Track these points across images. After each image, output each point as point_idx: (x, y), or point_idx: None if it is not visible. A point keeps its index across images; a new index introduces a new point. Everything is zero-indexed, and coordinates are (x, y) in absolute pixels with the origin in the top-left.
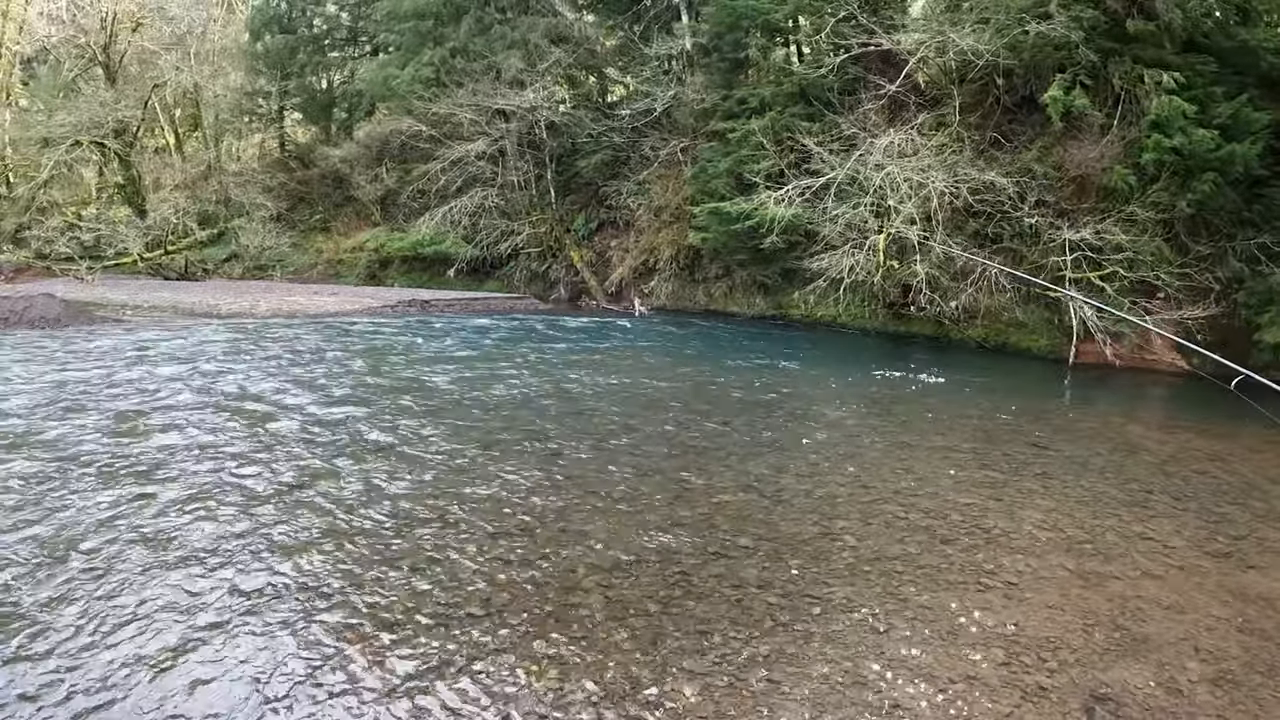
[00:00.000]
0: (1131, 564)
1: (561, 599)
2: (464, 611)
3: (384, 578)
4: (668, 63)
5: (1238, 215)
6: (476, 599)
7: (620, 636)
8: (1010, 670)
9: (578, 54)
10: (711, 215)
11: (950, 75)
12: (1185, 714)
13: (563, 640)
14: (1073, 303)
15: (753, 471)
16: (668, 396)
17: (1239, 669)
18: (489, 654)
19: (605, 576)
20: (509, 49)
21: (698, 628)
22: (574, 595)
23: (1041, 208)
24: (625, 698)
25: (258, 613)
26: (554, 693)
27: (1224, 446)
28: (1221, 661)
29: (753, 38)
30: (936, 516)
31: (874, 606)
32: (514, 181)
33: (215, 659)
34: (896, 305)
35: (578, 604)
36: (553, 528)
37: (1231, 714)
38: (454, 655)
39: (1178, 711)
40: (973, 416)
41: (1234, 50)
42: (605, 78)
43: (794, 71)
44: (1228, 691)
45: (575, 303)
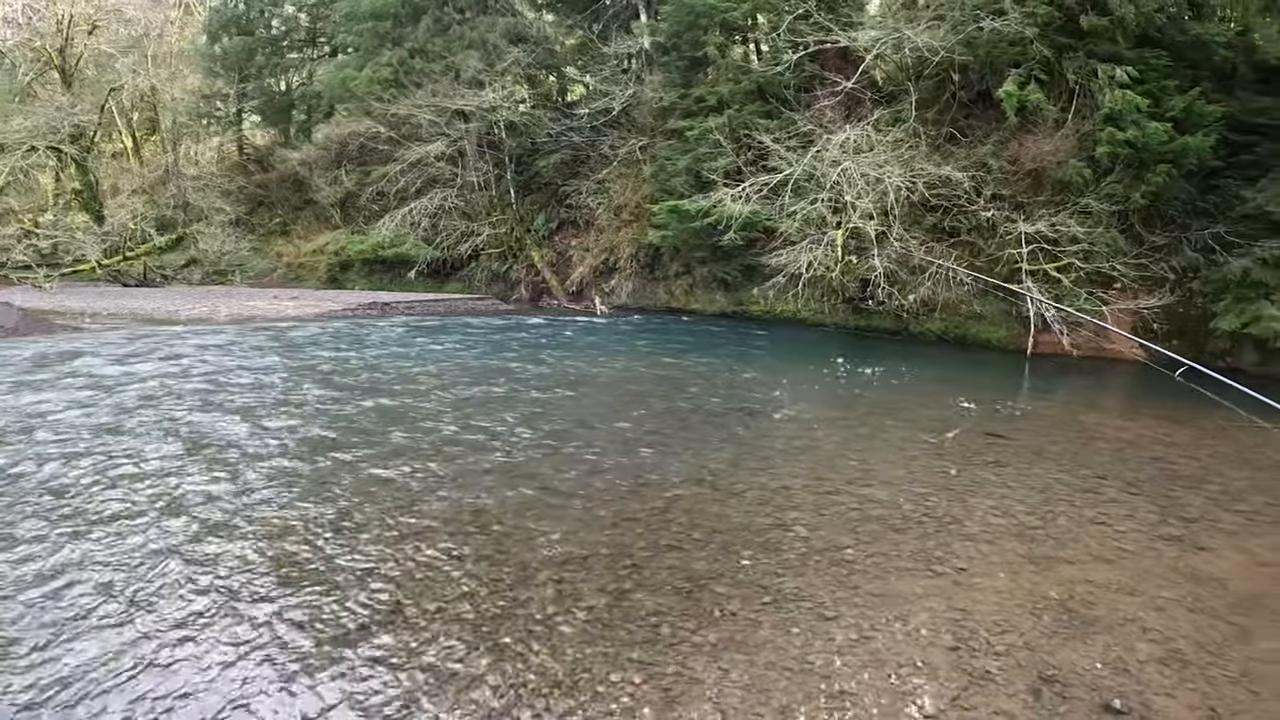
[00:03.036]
0: (1083, 548)
1: (515, 593)
2: (419, 606)
3: (338, 576)
4: (626, 62)
5: (1192, 206)
6: (431, 594)
7: (572, 628)
8: (958, 654)
9: (536, 53)
10: (671, 213)
11: (906, 71)
12: (1133, 693)
13: (516, 632)
14: (1029, 295)
15: (708, 465)
16: (626, 393)
17: (1189, 648)
18: (442, 647)
19: (558, 570)
20: (467, 49)
21: (648, 619)
22: (527, 589)
23: (997, 201)
24: (576, 688)
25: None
26: (506, 684)
27: (1179, 433)
28: (1171, 641)
29: (711, 36)
30: (889, 506)
31: (824, 595)
32: (474, 182)
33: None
34: (855, 300)
35: (531, 597)
36: (508, 523)
37: (1180, 693)
38: (408, 648)
39: (1125, 690)
40: (929, 408)
41: (1187, 44)
42: (564, 77)
43: (751, 69)
44: (1177, 671)
45: (536, 303)
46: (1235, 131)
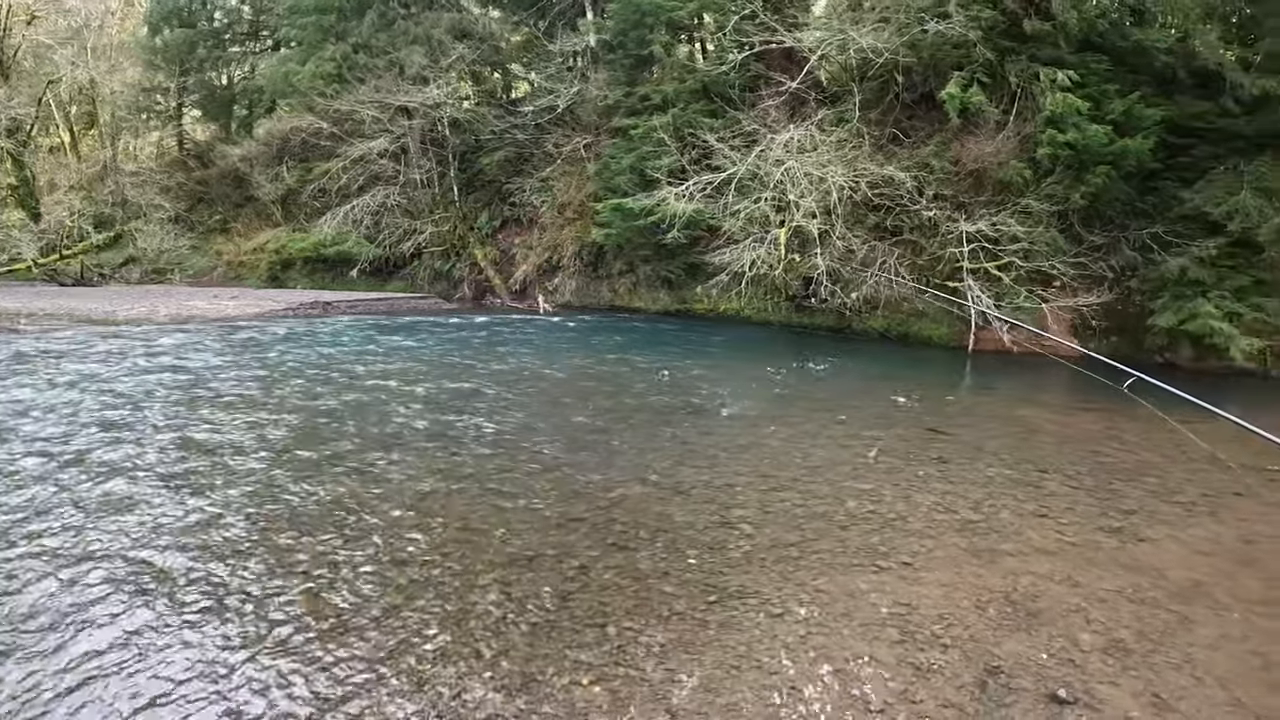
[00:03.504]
0: (1025, 541)
1: (461, 596)
2: (365, 615)
3: (284, 584)
4: (572, 59)
5: (1131, 206)
6: (377, 600)
7: (519, 631)
8: (905, 648)
9: (481, 50)
10: (614, 211)
11: (851, 72)
12: (1078, 682)
13: (462, 637)
14: (970, 293)
15: (653, 465)
16: (570, 392)
17: (1131, 637)
18: (388, 654)
19: (504, 573)
20: (412, 45)
21: (595, 620)
22: (473, 593)
23: (939, 201)
24: (524, 691)
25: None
26: (453, 689)
27: (1118, 427)
28: (1113, 631)
29: (656, 34)
30: (834, 503)
31: (770, 592)
32: (417, 179)
33: None
34: (798, 298)
35: (476, 601)
36: (452, 526)
37: (1124, 681)
38: (354, 656)
39: (1070, 680)
40: (873, 405)
41: (1128, 50)
42: (509, 74)
43: (697, 68)
44: (1119, 659)
45: (480, 301)
46: (1174, 135)
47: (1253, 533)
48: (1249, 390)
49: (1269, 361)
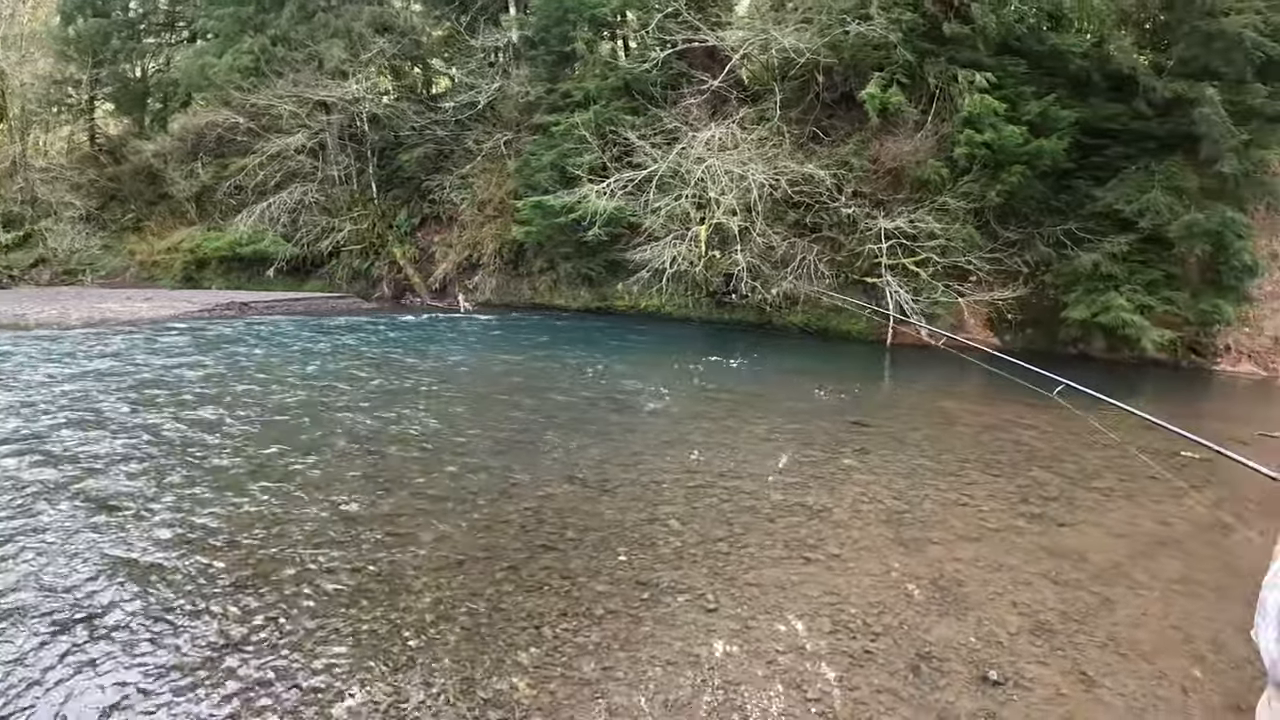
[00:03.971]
0: (949, 529)
1: (392, 603)
2: (295, 625)
3: (210, 598)
4: (494, 55)
5: (1045, 204)
6: (306, 612)
7: (452, 636)
8: (837, 638)
9: (402, 44)
10: (535, 209)
11: (772, 72)
12: (1007, 664)
13: (395, 645)
14: (888, 288)
15: (579, 463)
16: (492, 392)
17: (1056, 619)
18: (322, 665)
19: (434, 577)
20: (332, 38)
21: (529, 622)
22: (404, 598)
23: (858, 198)
24: (461, 697)
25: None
26: (388, 698)
27: (1034, 417)
28: (1039, 613)
29: (579, 31)
30: (760, 497)
31: (702, 588)
32: (335, 176)
33: None
34: (719, 294)
35: (408, 607)
36: (379, 531)
37: (1052, 661)
38: (286, 669)
39: (999, 662)
40: (794, 399)
41: (1045, 53)
42: (430, 69)
43: (619, 66)
44: (1046, 640)
45: (399, 300)
46: (1087, 135)
47: (1168, 515)
48: (1161, 380)
49: (1180, 352)
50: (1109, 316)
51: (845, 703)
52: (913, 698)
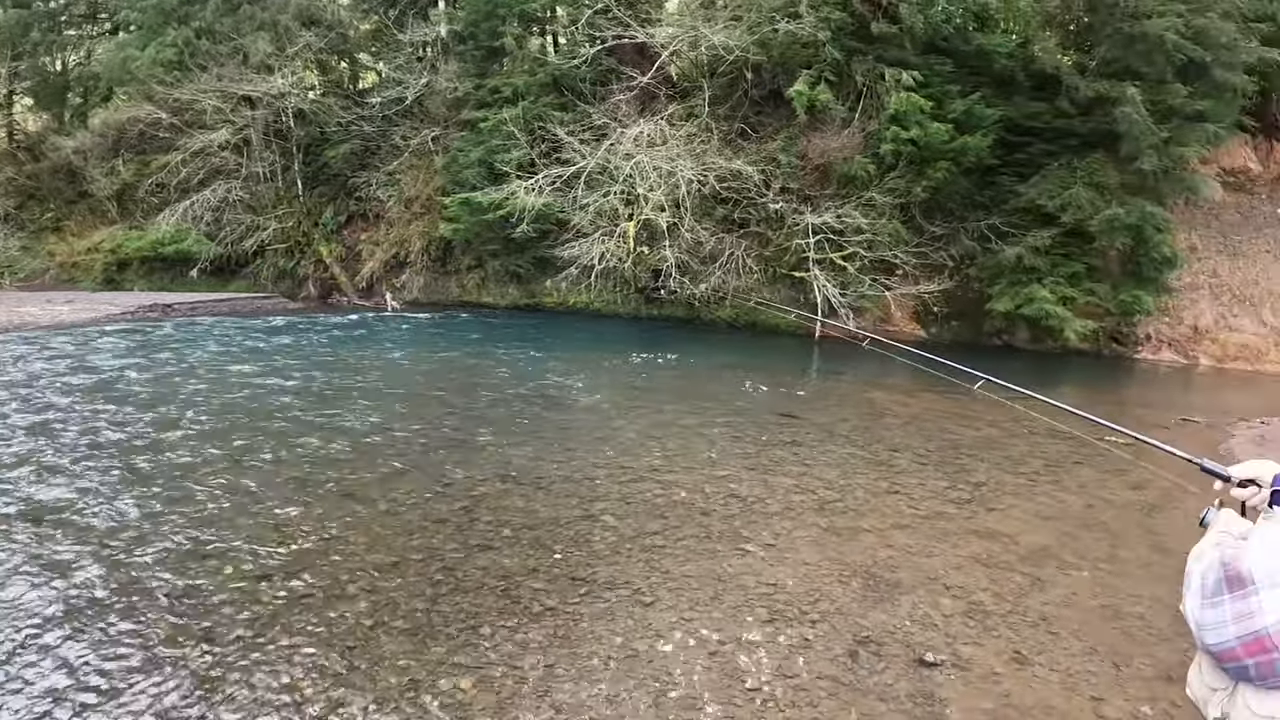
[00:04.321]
0: (881, 517)
1: (329, 609)
2: (230, 634)
3: (142, 610)
4: (422, 49)
5: (970, 199)
6: (240, 620)
7: (391, 640)
8: (775, 626)
9: (330, 38)
10: (462, 206)
11: (701, 69)
12: (944, 645)
13: (333, 651)
14: (815, 282)
15: (512, 461)
16: (422, 391)
17: (989, 600)
18: (257, 674)
19: (371, 581)
20: (258, 30)
21: (468, 622)
22: (340, 604)
23: (786, 194)
24: (404, 701)
25: None
26: (328, 706)
27: (961, 405)
28: (972, 595)
29: (509, 26)
30: (693, 490)
31: (639, 582)
32: (259, 173)
33: None
34: (648, 290)
35: (345, 612)
36: (313, 536)
37: (986, 641)
38: (221, 679)
39: (935, 644)
40: (725, 393)
41: (971, 53)
42: (357, 63)
43: (548, 61)
44: (980, 621)
45: (326, 300)
46: (1011, 133)
47: (1094, 497)
48: (1084, 369)
49: (1102, 342)
50: (1032, 308)
51: (785, 690)
52: (852, 682)
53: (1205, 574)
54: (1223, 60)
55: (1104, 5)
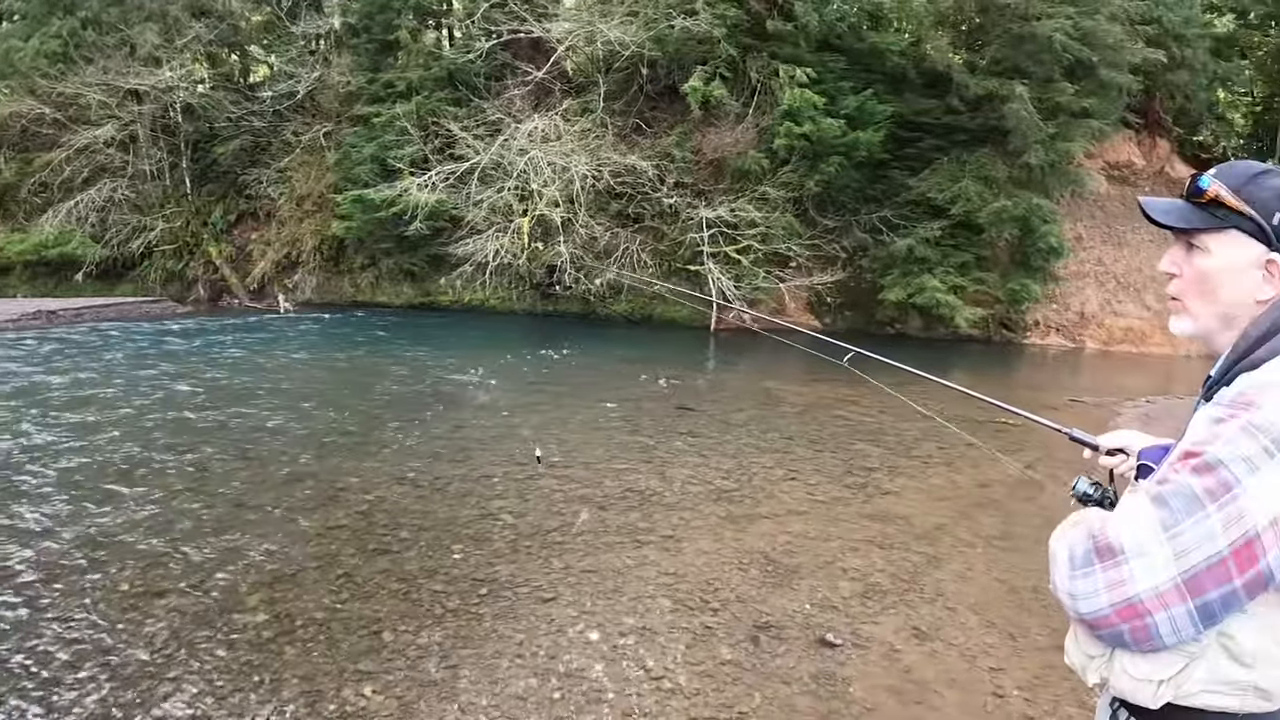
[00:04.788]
0: (778, 504)
1: (226, 621)
2: (125, 654)
3: (32, 628)
4: (315, 42)
5: (862, 193)
6: (138, 638)
7: (293, 651)
8: (677, 615)
9: (220, 29)
10: (355, 203)
11: (597, 64)
12: (843, 626)
13: (234, 665)
14: (710, 275)
15: (408, 462)
16: (315, 394)
17: (885, 580)
18: (156, 692)
19: (268, 591)
20: (146, 21)
21: (369, 628)
22: (238, 615)
23: (680, 189)
24: (309, 712)
25: None
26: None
27: (855, 393)
28: (869, 576)
29: (404, 19)
30: (591, 485)
31: (539, 579)
32: (146, 171)
33: None
34: (544, 286)
35: (244, 624)
36: (208, 548)
37: (885, 619)
38: (118, 699)
39: (835, 625)
40: (622, 387)
41: (864, 51)
42: (248, 56)
43: (443, 55)
44: (878, 600)
45: (216, 303)
46: (903, 128)
47: (986, 478)
48: (976, 355)
49: (992, 328)
50: (924, 297)
51: (690, 678)
52: (755, 667)
53: (1073, 546)
54: (1109, 60)
55: (995, 6)
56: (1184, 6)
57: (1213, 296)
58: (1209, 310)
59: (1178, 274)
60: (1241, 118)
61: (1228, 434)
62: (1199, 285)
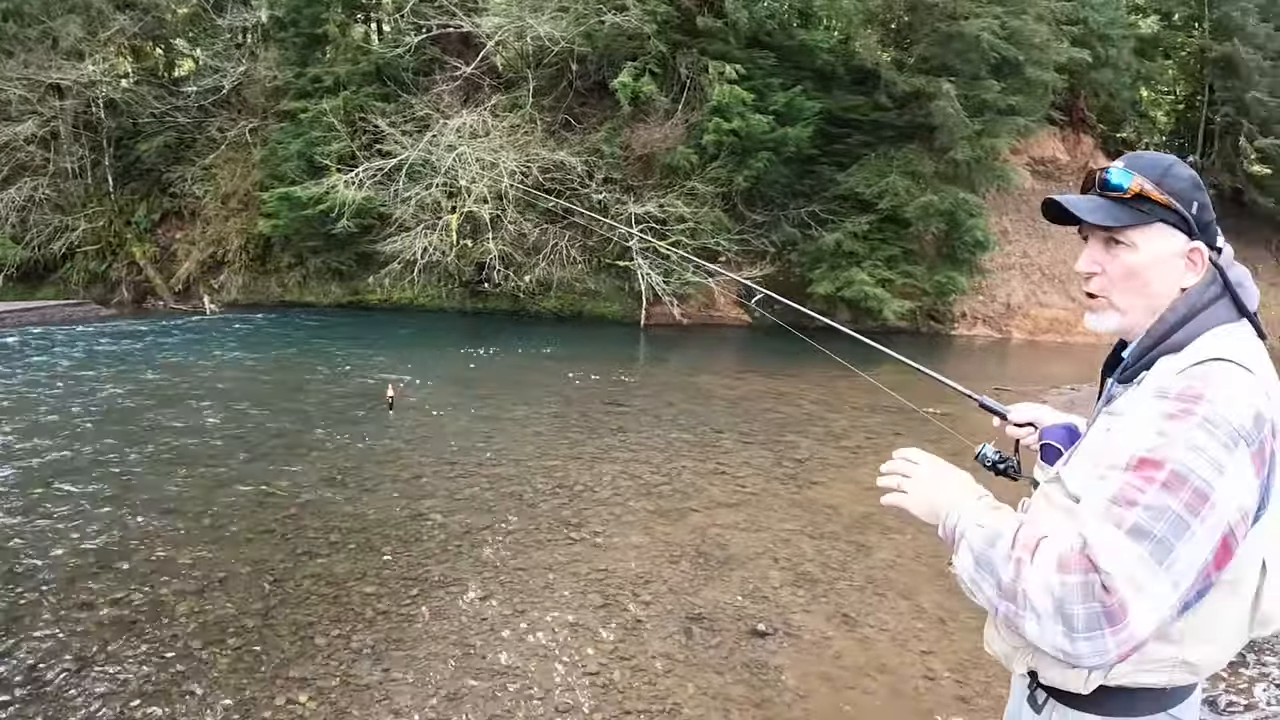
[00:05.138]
0: (708, 497)
1: (154, 633)
2: (51, 671)
3: None
4: (241, 36)
5: (790, 188)
6: (67, 653)
7: (225, 659)
8: (609, 610)
9: (145, 22)
10: (282, 201)
11: (527, 59)
12: (775, 615)
13: (164, 676)
14: (639, 271)
15: (336, 465)
16: (242, 397)
17: (816, 569)
18: (85, 710)
19: (198, 601)
20: (69, 13)
21: (301, 633)
22: (168, 626)
23: (610, 185)
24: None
25: None
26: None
27: (785, 385)
28: (800, 566)
29: (332, 13)
30: (521, 482)
31: (471, 578)
32: (68, 169)
33: None
34: (473, 283)
35: (175, 635)
36: (136, 558)
37: (816, 607)
38: (44, 715)
39: (766, 615)
40: (551, 384)
41: (794, 48)
42: (173, 50)
43: (372, 50)
44: (809, 589)
45: (141, 305)
46: (831, 124)
47: None
48: (903, 346)
49: (919, 320)
50: (852, 290)
51: (624, 672)
52: (688, 658)
53: (1065, 602)
54: (1035, 59)
55: (923, 5)
56: (1109, 8)
57: (1144, 290)
58: (1139, 304)
59: (1099, 272)
60: (1164, 115)
61: (1185, 435)
62: (1128, 281)
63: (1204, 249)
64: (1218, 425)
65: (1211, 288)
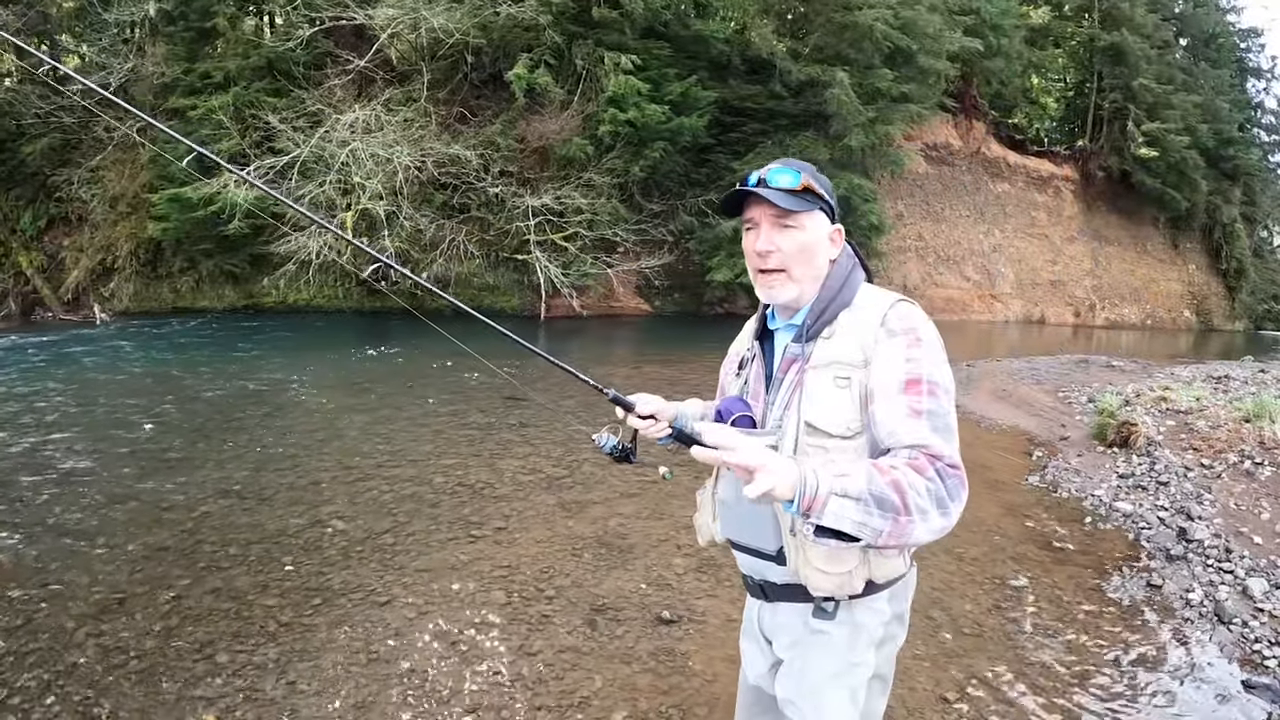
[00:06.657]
0: (608, 489)
1: (52, 660)
2: None
3: None
4: (129, 30)
5: (687, 177)
6: None
7: (126, 683)
8: (513, 607)
9: (28, 17)
10: (171, 202)
11: (421, 52)
12: (679, 602)
13: (64, 706)
14: (537, 263)
15: (233, 475)
16: (135, 409)
17: (718, 553)
18: None
19: (96, 624)
20: None
21: (203, 651)
22: (66, 653)
23: (505, 178)
24: None
25: None
26: None
27: (691, 376)
28: (702, 552)
29: (223, 6)
30: (421, 483)
31: (373, 583)
32: None
33: None
34: (368, 282)
35: (74, 661)
36: (27, 584)
37: (720, 591)
38: None
39: (671, 602)
40: (449, 382)
41: (689, 38)
42: (58, 46)
43: (263, 44)
44: (712, 574)
45: (29, 317)
46: (727, 113)
47: None
48: None
49: None
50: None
51: (531, 668)
52: (594, 650)
53: (939, 490)
54: (928, 48)
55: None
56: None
57: (812, 263)
58: (809, 274)
59: (774, 249)
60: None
61: (925, 356)
62: (802, 255)
63: (842, 229)
64: (935, 343)
65: (852, 259)
